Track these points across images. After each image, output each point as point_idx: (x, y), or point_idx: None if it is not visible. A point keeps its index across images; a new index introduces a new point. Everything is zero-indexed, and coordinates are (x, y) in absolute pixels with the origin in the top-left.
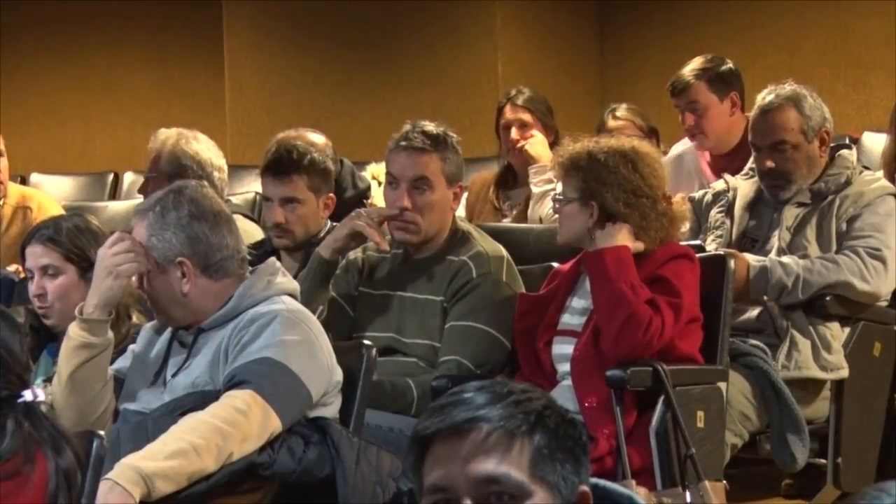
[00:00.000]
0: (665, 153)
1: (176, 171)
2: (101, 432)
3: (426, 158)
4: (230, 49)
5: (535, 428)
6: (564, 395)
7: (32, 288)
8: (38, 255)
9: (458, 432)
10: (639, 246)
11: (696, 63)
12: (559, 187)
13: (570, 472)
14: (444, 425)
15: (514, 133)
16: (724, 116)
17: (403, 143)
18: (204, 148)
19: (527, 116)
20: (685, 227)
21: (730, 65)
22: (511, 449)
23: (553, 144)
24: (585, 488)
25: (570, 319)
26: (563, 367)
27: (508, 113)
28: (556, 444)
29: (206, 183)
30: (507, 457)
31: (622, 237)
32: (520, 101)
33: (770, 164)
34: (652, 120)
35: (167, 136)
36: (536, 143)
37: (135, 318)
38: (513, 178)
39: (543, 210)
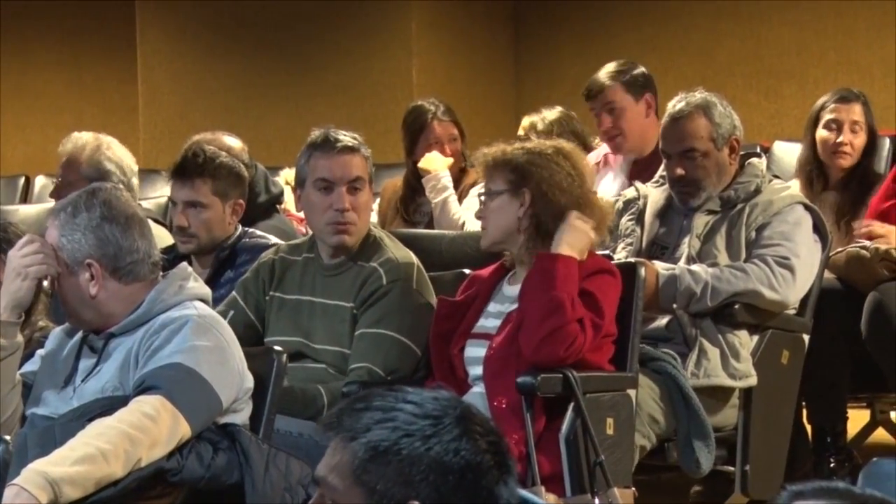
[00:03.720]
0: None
1: (98, 176)
2: (8, 437)
3: (358, 159)
4: (143, 53)
5: (358, 437)
6: (475, 402)
7: None
8: None
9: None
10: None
11: (610, 67)
12: (483, 188)
13: (397, 485)
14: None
15: (447, 149)
16: (640, 118)
17: (337, 145)
18: (124, 153)
19: (453, 130)
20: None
21: (642, 69)
22: (335, 455)
23: (463, 154)
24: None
25: (486, 323)
26: (475, 371)
27: (437, 129)
28: (375, 456)
29: (122, 187)
30: (332, 460)
31: (581, 224)
32: (445, 117)
33: (680, 171)
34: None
35: (85, 140)
36: (429, 158)
37: (41, 323)
38: (422, 185)
39: (448, 217)
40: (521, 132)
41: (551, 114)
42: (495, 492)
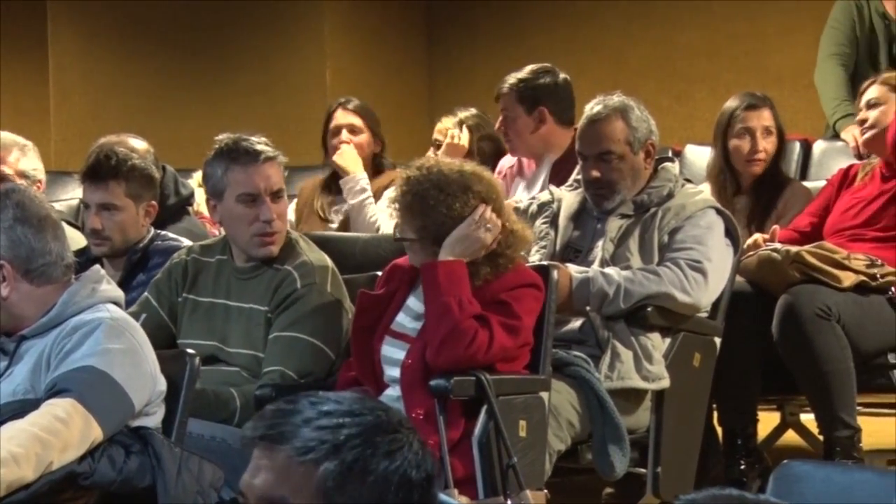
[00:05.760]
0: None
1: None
2: None
3: (276, 167)
4: (55, 54)
5: (327, 458)
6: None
7: None
8: None
9: (264, 443)
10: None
11: (521, 72)
12: (399, 227)
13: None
14: (255, 434)
15: (344, 135)
16: (528, 131)
17: (260, 157)
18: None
19: (357, 121)
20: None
21: (548, 80)
22: (294, 474)
23: (380, 155)
24: None
25: (404, 321)
26: (391, 371)
27: (339, 117)
28: (348, 476)
29: (41, 189)
30: (287, 481)
31: (465, 230)
32: (351, 107)
33: (595, 173)
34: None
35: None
36: (343, 156)
37: None
38: (337, 185)
39: (365, 219)
40: (437, 136)
41: (468, 117)
42: (435, 498)
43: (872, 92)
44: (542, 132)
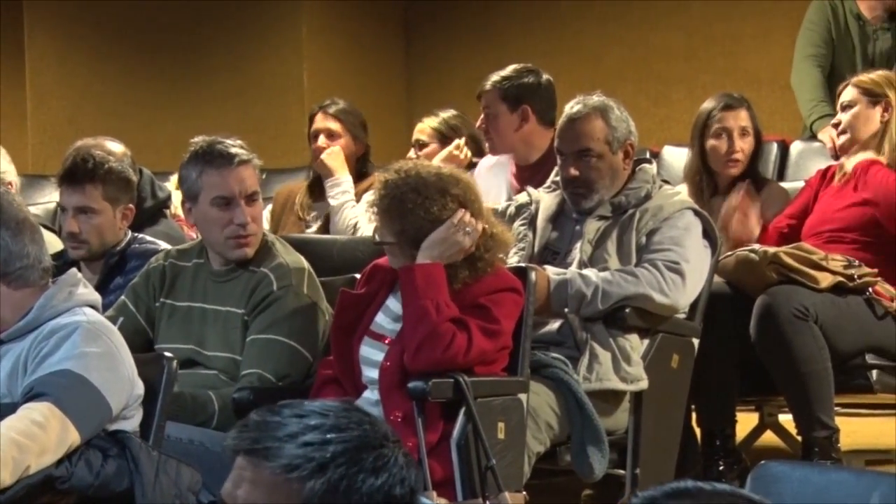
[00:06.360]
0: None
1: None
2: None
3: (251, 170)
4: (32, 58)
5: (313, 476)
6: (368, 410)
7: None
8: None
9: (245, 455)
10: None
11: (505, 70)
12: (378, 231)
13: None
14: (239, 446)
15: (321, 141)
16: (510, 129)
17: (234, 161)
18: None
19: (335, 126)
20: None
21: (531, 79)
22: (279, 491)
23: (363, 158)
24: None
25: (383, 321)
26: (369, 372)
27: (318, 121)
28: (333, 494)
29: (11, 190)
30: (271, 497)
31: (442, 233)
32: (331, 111)
33: (574, 171)
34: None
35: None
36: (331, 156)
37: None
38: (319, 189)
39: (343, 222)
40: (418, 136)
41: (450, 118)
42: None
43: (846, 95)
44: (524, 131)
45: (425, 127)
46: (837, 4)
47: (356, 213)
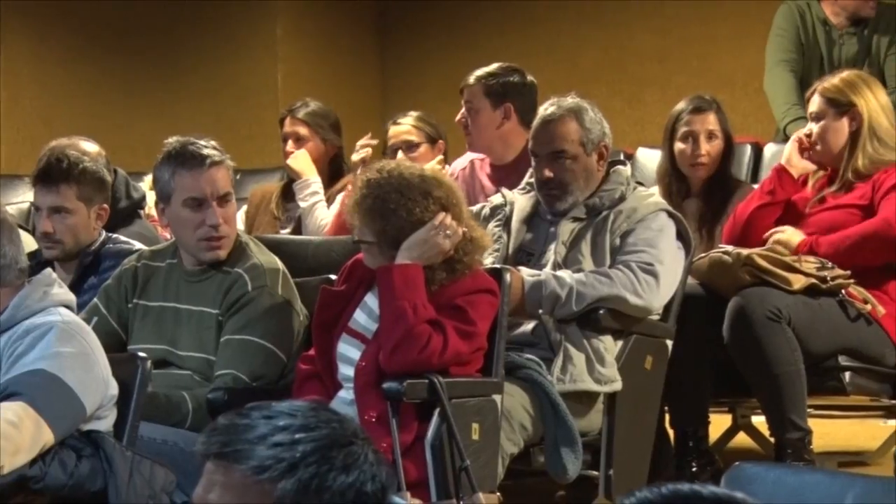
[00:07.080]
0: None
1: None
2: None
3: (224, 171)
4: (6, 58)
5: (284, 476)
6: (343, 409)
7: None
8: None
9: (215, 459)
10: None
11: (490, 67)
12: (357, 230)
13: None
14: (209, 450)
15: (289, 146)
16: (492, 126)
17: (206, 161)
18: None
19: (303, 130)
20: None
21: (517, 79)
22: (250, 493)
23: (336, 159)
24: None
25: (362, 319)
26: (345, 370)
27: (287, 125)
28: (305, 493)
29: None
30: (243, 499)
31: (423, 234)
32: (299, 115)
33: (548, 173)
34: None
35: None
36: (297, 159)
37: None
38: (293, 190)
39: (315, 222)
40: (409, 137)
41: (428, 118)
42: None
43: (813, 105)
44: (505, 129)
45: (410, 128)
46: (805, 10)
47: (327, 214)
